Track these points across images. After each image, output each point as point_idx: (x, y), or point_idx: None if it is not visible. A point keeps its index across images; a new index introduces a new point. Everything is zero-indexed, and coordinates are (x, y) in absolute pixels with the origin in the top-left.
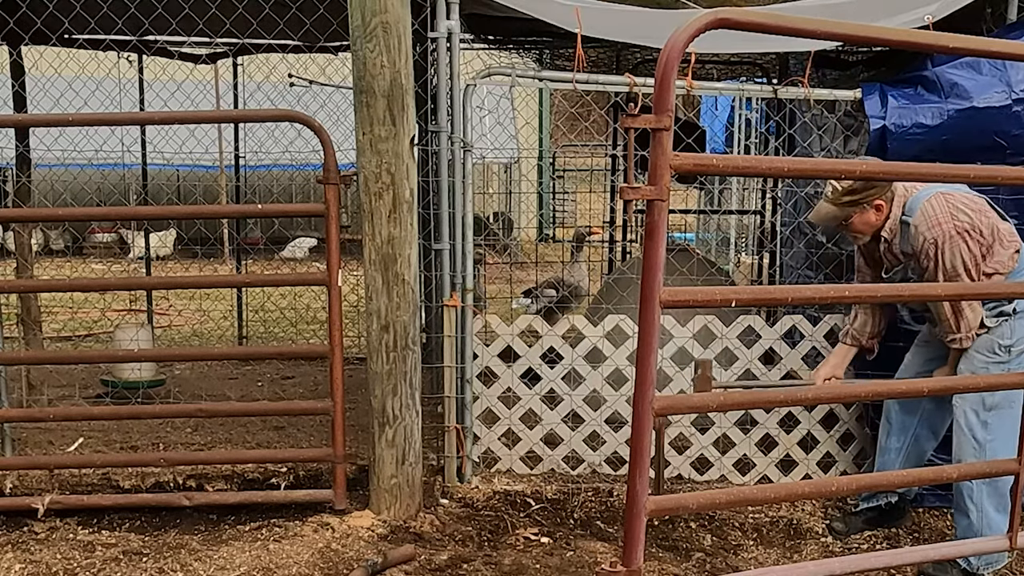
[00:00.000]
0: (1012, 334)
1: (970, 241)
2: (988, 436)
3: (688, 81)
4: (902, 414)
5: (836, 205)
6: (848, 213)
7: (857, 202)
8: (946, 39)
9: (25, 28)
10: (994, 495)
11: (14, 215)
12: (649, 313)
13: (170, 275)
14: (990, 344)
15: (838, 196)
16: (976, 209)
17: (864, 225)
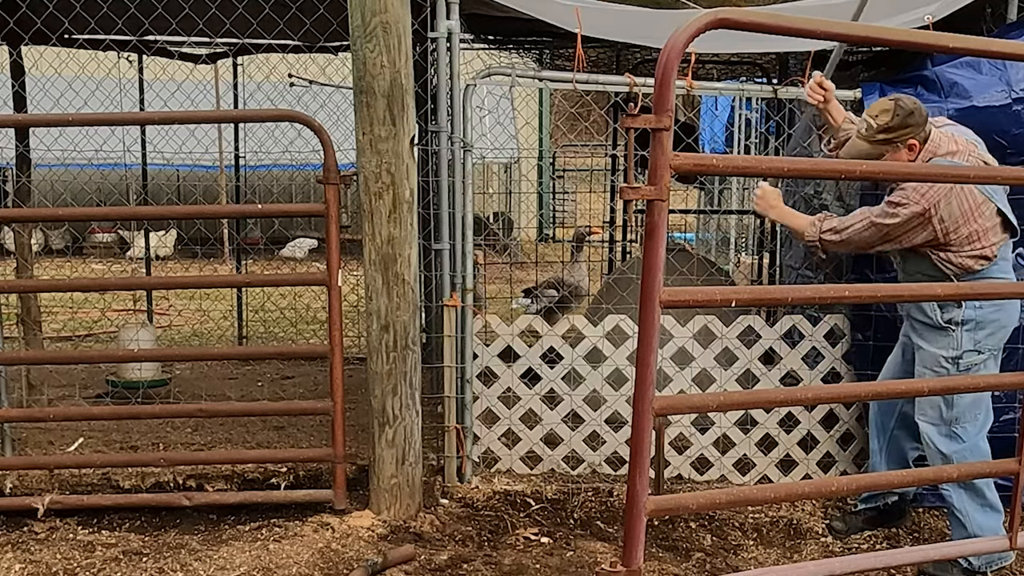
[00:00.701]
0: (959, 345)
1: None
2: (954, 447)
3: (688, 81)
4: (880, 415)
5: (870, 142)
6: (881, 151)
7: (891, 140)
8: (946, 39)
9: (25, 28)
10: (974, 498)
11: (14, 215)
12: (649, 313)
13: (170, 275)
14: (935, 358)
15: (872, 133)
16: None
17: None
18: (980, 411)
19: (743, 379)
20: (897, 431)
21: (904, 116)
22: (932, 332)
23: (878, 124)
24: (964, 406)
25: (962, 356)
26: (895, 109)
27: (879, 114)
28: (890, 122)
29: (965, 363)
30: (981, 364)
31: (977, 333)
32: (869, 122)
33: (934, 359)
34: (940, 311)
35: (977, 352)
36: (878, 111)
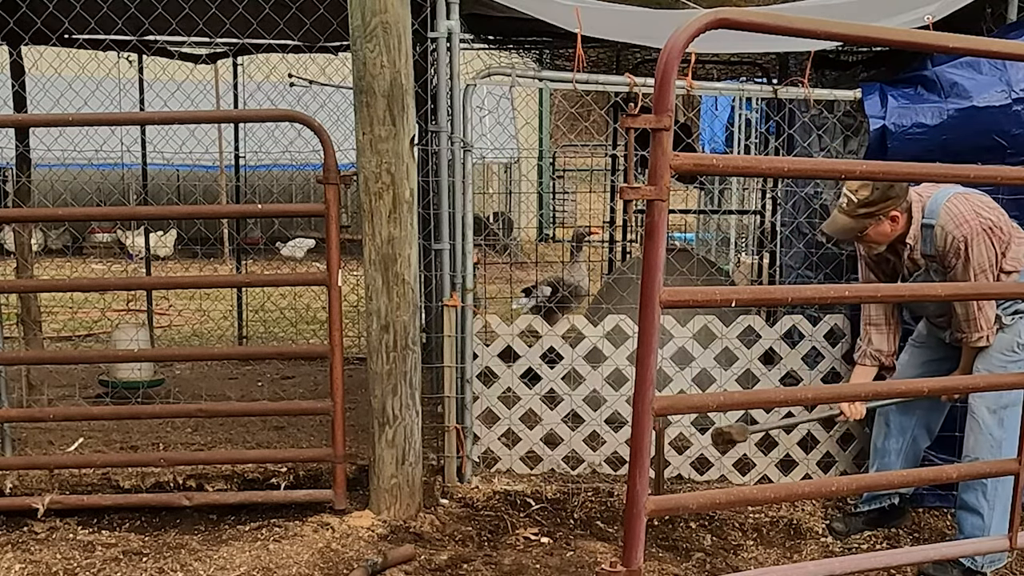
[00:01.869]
0: (1021, 333)
1: (994, 238)
2: (1004, 433)
3: (688, 81)
4: (899, 415)
5: (852, 217)
6: (864, 225)
7: (873, 214)
8: (946, 39)
9: (25, 28)
10: (1004, 496)
11: (14, 215)
12: (649, 313)
13: (170, 275)
14: (1008, 343)
15: (853, 208)
16: (994, 207)
17: (879, 235)
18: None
19: (743, 379)
20: (917, 431)
21: (884, 189)
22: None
23: (858, 199)
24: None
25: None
26: (875, 186)
27: (858, 189)
28: (869, 196)
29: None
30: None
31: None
32: (849, 197)
33: (1007, 343)
34: (1001, 308)
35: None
36: (857, 186)
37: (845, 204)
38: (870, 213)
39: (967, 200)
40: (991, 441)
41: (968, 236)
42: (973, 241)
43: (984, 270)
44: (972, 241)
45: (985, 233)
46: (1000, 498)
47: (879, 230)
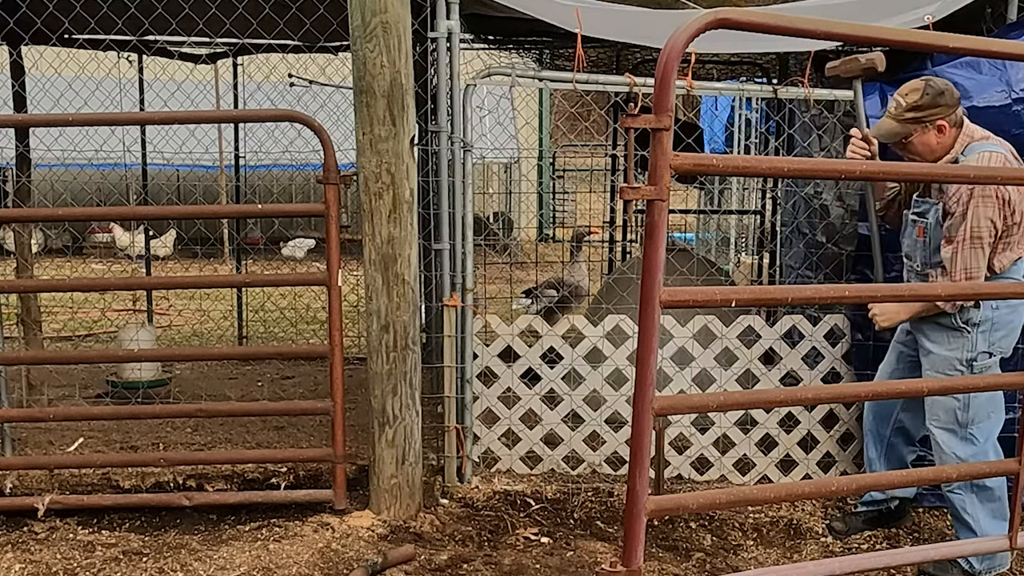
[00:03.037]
0: (974, 347)
1: (998, 209)
2: (971, 450)
3: (688, 81)
4: (875, 423)
5: (898, 121)
6: (909, 131)
7: (920, 120)
8: (946, 39)
9: (25, 28)
10: (987, 503)
11: (14, 215)
12: (649, 313)
13: (170, 275)
14: (948, 362)
15: (901, 111)
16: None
17: (923, 146)
18: (993, 409)
19: (743, 379)
20: (894, 438)
21: (934, 95)
22: (945, 334)
23: (907, 103)
24: (978, 406)
25: (976, 358)
26: (925, 88)
27: (908, 92)
28: (919, 100)
29: (979, 366)
30: (992, 367)
31: (993, 335)
32: (899, 100)
33: (947, 362)
34: (959, 311)
35: (990, 355)
36: (908, 90)
37: (893, 108)
38: (917, 119)
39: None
40: (956, 462)
41: (978, 191)
42: (982, 200)
43: (978, 237)
44: (980, 199)
45: (997, 201)
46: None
47: (924, 140)
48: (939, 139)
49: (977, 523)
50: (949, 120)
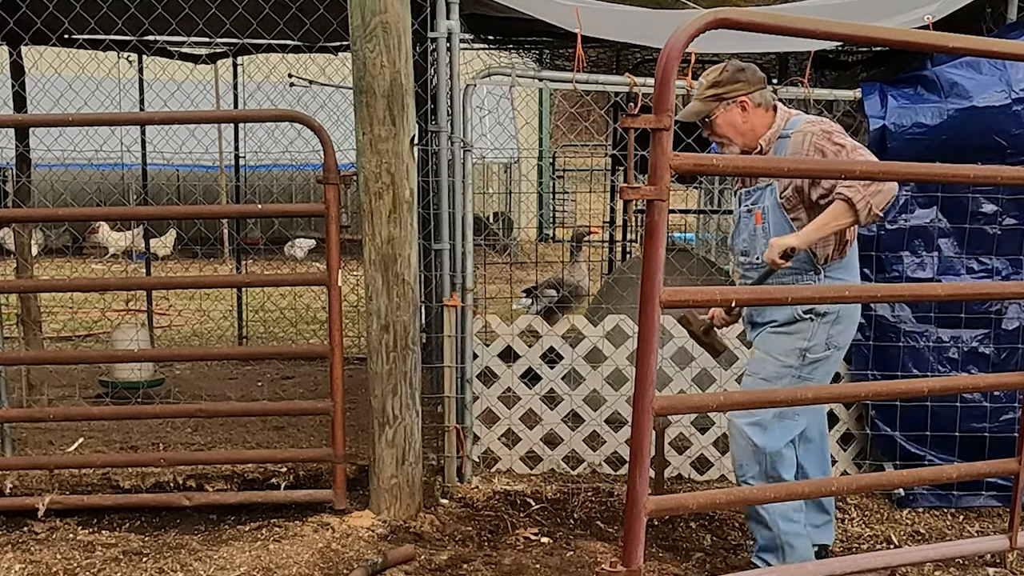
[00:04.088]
0: (812, 336)
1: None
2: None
3: (688, 81)
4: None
5: (700, 100)
6: (711, 108)
7: (720, 96)
8: (946, 39)
9: (25, 28)
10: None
11: (14, 215)
12: (649, 313)
13: (170, 275)
14: (792, 345)
15: (703, 90)
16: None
17: (727, 126)
18: (803, 410)
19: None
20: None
21: (734, 71)
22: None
23: (708, 80)
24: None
25: (811, 349)
26: (725, 66)
27: (710, 72)
28: (719, 77)
29: (812, 356)
30: (825, 360)
31: (834, 327)
32: (701, 80)
33: (781, 347)
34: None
35: (827, 347)
36: (710, 70)
37: (697, 88)
38: (718, 96)
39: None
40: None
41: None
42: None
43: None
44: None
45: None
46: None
47: (727, 118)
48: (744, 118)
49: (774, 518)
50: (752, 98)
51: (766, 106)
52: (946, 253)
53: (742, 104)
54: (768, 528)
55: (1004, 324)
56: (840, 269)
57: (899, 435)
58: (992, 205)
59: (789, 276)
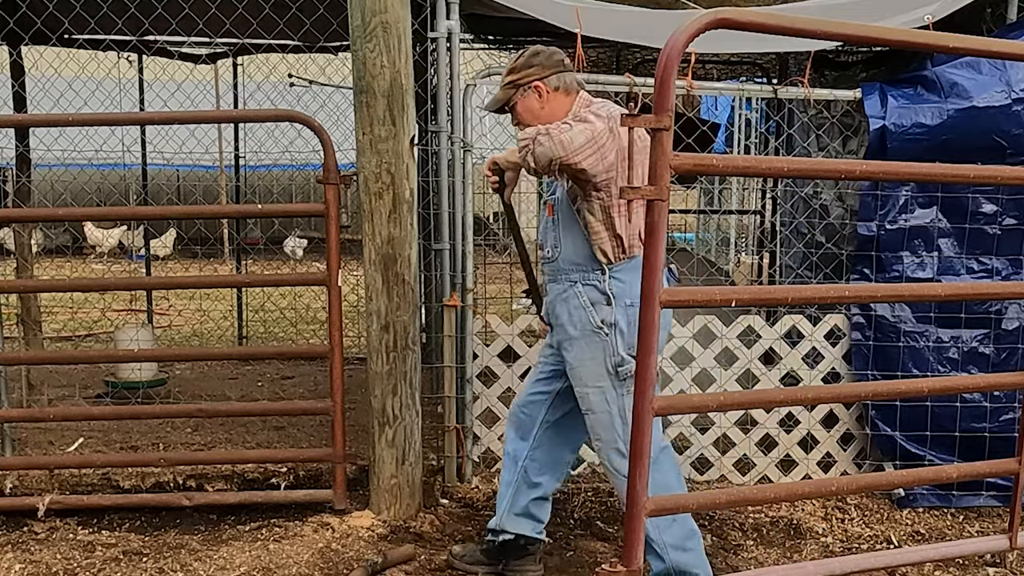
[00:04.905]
0: (616, 351)
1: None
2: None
3: (688, 81)
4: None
5: (501, 89)
6: (509, 96)
7: (516, 83)
8: (946, 39)
9: (25, 28)
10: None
11: (14, 215)
12: (649, 313)
13: (170, 275)
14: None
15: (503, 79)
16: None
17: (527, 112)
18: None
19: (743, 379)
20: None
21: (528, 56)
22: (583, 341)
23: (506, 69)
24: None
25: (622, 363)
26: (522, 52)
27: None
28: (514, 63)
29: (625, 371)
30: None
31: (630, 335)
32: (503, 71)
33: (593, 374)
34: (595, 311)
35: (632, 357)
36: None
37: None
38: (514, 82)
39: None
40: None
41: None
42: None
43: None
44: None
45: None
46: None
47: (526, 105)
48: (541, 103)
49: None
50: (548, 82)
51: (565, 90)
52: (946, 253)
53: (537, 89)
54: (660, 559)
55: (1004, 324)
56: (628, 271)
57: (899, 435)
58: (992, 205)
59: (576, 273)
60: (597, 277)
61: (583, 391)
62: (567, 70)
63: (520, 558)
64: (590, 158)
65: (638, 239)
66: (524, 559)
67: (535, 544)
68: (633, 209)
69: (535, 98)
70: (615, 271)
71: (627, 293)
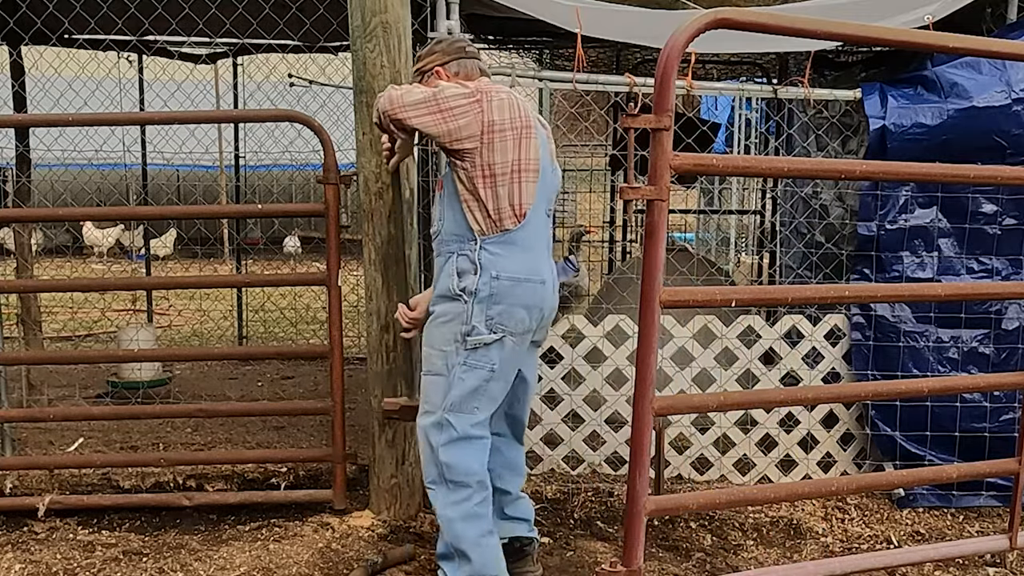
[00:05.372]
0: (470, 319)
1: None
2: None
3: (688, 81)
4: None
5: (411, 81)
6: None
7: (420, 70)
8: (946, 39)
9: (25, 28)
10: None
11: (14, 215)
12: (649, 313)
13: (170, 275)
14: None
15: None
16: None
17: None
18: (479, 404)
19: (743, 379)
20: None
21: (431, 44)
22: (447, 304)
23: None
24: (464, 392)
25: (471, 332)
26: (427, 41)
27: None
28: (420, 53)
29: (473, 340)
30: (493, 346)
31: (492, 307)
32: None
33: (443, 336)
34: (459, 279)
35: (489, 330)
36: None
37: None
38: (419, 70)
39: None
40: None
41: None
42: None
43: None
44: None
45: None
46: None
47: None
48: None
49: (451, 523)
50: (448, 68)
51: (467, 75)
52: (946, 253)
53: (438, 74)
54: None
55: (1004, 324)
56: (500, 244)
57: (899, 435)
58: (992, 205)
59: (455, 244)
60: (470, 247)
61: (428, 351)
62: (469, 57)
63: (519, 560)
64: (424, 117)
65: (511, 214)
66: (523, 560)
67: (530, 544)
68: (500, 182)
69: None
70: (487, 243)
71: (495, 265)
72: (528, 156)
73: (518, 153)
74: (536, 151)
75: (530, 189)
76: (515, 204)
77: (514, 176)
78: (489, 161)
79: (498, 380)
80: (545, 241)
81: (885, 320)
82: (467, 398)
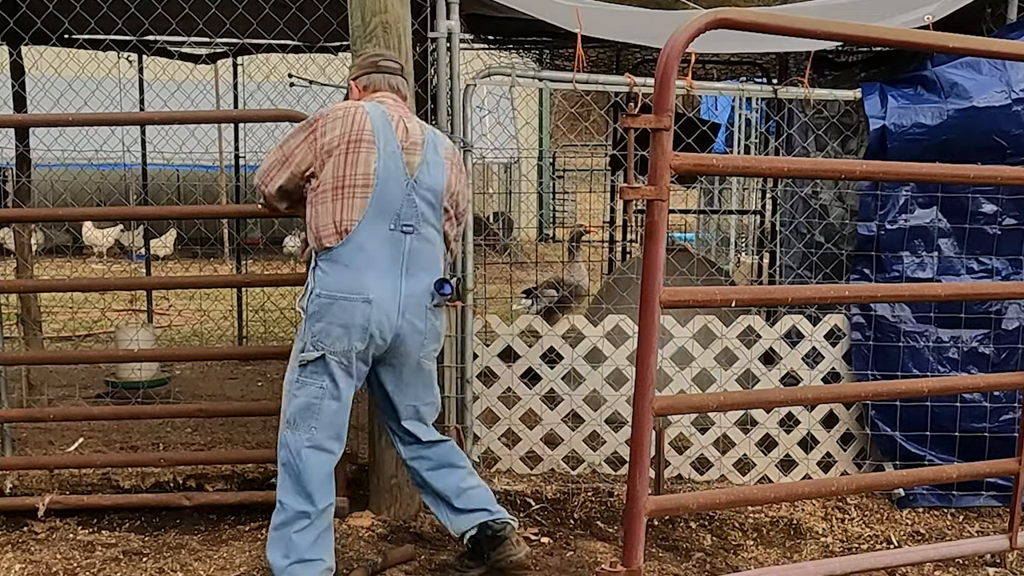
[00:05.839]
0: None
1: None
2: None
3: (688, 81)
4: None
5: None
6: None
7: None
8: (946, 39)
9: (25, 28)
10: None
11: (14, 215)
12: (649, 313)
13: (170, 275)
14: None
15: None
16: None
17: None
18: (314, 421)
19: (743, 379)
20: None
21: (359, 59)
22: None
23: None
24: (295, 409)
25: (303, 350)
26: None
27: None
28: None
29: (304, 357)
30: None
31: (314, 325)
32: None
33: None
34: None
35: (314, 348)
36: None
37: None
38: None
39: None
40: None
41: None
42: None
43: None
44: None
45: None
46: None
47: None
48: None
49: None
50: (359, 82)
51: (375, 88)
52: (946, 253)
53: (351, 87)
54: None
55: (1004, 324)
56: (326, 261)
57: (899, 435)
58: (992, 205)
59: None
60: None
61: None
62: (380, 71)
63: (498, 545)
64: (278, 175)
65: (333, 231)
66: (502, 545)
67: (503, 527)
68: (320, 199)
69: (352, 96)
70: (319, 260)
71: (320, 283)
72: (355, 171)
73: (343, 169)
74: (368, 165)
75: (356, 205)
76: (336, 221)
77: (336, 193)
78: (319, 180)
79: (331, 400)
80: (387, 258)
81: (885, 320)
82: (301, 415)
